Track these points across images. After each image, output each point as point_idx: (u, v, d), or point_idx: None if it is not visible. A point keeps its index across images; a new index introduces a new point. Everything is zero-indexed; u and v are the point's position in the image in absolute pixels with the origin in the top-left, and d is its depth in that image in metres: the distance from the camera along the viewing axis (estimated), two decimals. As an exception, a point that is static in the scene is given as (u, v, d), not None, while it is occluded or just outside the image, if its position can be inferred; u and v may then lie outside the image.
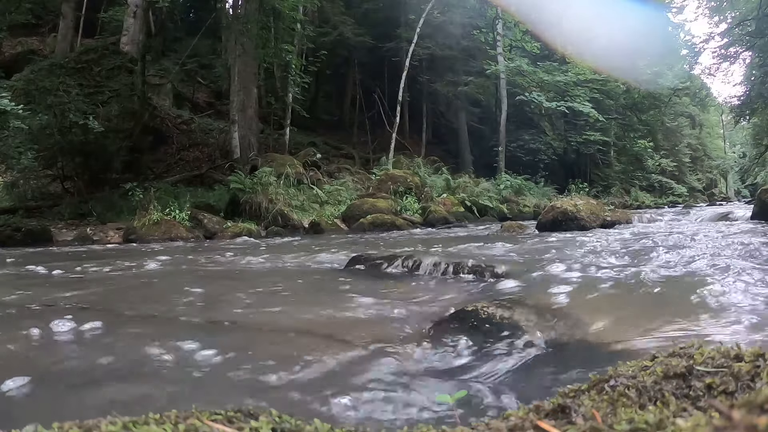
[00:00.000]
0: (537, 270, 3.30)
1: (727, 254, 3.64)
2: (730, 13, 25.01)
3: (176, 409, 0.65)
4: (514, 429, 0.61)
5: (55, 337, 1.99)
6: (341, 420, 1.25)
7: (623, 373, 0.76)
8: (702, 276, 2.78)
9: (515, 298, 2.44)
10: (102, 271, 4.45)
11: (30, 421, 0.70)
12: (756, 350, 0.72)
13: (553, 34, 22.10)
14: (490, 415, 1.21)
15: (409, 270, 3.52)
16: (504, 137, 21.54)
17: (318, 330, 2.11)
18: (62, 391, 1.46)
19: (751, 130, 32.87)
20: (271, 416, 0.66)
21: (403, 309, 2.40)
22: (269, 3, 14.72)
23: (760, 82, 23.51)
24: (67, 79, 10.94)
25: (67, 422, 0.60)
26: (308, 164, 14.78)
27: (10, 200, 11.16)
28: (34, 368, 1.62)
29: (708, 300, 2.15)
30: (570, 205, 8.17)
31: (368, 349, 1.79)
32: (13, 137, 9.25)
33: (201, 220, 10.17)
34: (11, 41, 17.22)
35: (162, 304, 2.79)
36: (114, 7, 18.78)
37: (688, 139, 37.22)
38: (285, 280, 3.69)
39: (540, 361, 1.67)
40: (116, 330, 2.09)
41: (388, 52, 21.91)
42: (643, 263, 3.47)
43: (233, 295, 2.98)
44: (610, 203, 17.72)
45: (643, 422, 0.50)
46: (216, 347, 1.80)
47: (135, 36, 14.17)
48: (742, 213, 9.32)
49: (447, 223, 12.83)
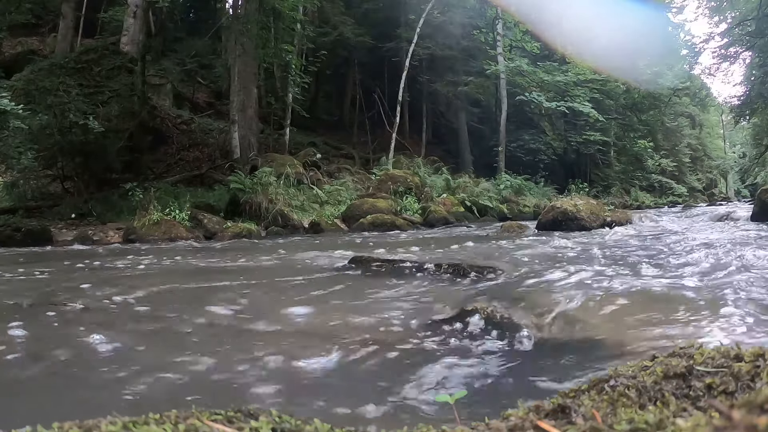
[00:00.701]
0: (537, 270, 3.30)
1: (727, 254, 3.64)
2: (730, 13, 25.00)
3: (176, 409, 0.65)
4: (514, 429, 0.61)
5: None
6: (340, 418, 1.25)
7: (623, 373, 0.76)
8: (702, 276, 2.78)
9: (514, 297, 2.44)
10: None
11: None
12: (756, 350, 0.72)
13: (553, 34, 22.10)
14: (489, 415, 1.21)
15: (409, 270, 3.52)
16: (504, 137, 21.54)
17: (318, 330, 2.11)
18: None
19: (751, 130, 32.85)
20: (271, 416, 0.66)
21: (403, 309, 2.40)
22: (269, 3, 14.71)
23: (760, 82, 23.50)
24: (67, 79, 10.92)
25: (67, 422, 0.60)
26: (308, 164, 14.77)
27: (10, 200, 11.15)
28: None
29: (708, 300, 2.15)
30: (570, 205, 8.18)
31: (368, 349, 1.79)
32: (13, 137, 9.24)
33: (201, 220, 10.16)
34: (11, 41, 17.21)
35: (164, 303, 2.79)
36: (114, 7, 18.77)
37: (688, 139, 37.19)
38: (285, 280, 3.69)
39: (540, 360, 1.68)
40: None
41: (388, 52, 21.90)
42: (643, 263, 3.47)
43: (233, 296, 2.98)
44: (610, 203, 17.70)
45: (643, 422, 0.50)
46: (216, 347, 1.80)
47: (135, 36, 14.16)
48: (742, 213, 9.32)
49: (447, 223, 12.82)
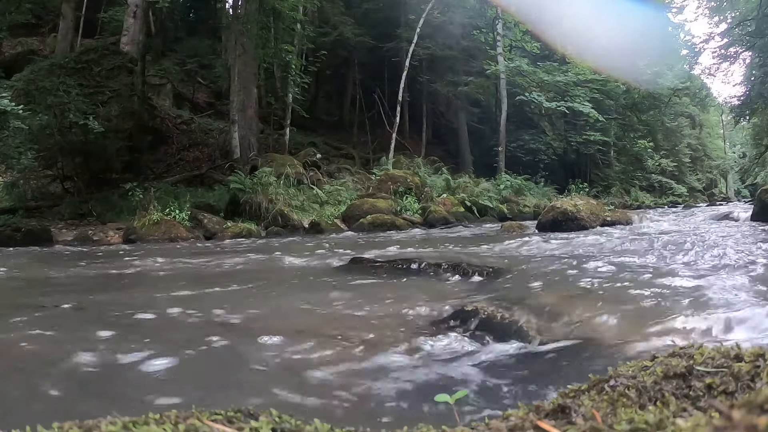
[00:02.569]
0: (536, 270, 3.30)
1: (728, 254, 3.64)
2: (730, 13, 24.99)
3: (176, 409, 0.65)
4: (514, 429, 0.61)
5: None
6: (339, 416, 1.25)
7: (623, 373, 0.76)
8: (702, 276, 2.78)
9: (514, 297, 2.44)
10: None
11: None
12: (756, 350, 0.72)
13: (553, 34, 22.08)
14: (490, 415, 1.21)
15: (409, 270, 3.52)
16: (504, 137, 21.53)
17: (318, 330, 2.11)
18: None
19: (751, 130, 32.82)
20: (271, 416, 0.66)
21: (403, 308, 2.40)
22: (269, 3, 14.70)
23: (760, 82, 23.49)
24: (67, 79, 10.92)
25: (67, 422, 0.60)
26: (308, 164, 14.76)
27: (10, 200, 11.15)
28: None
29: (709, 300, 2.15)
30: (570, 205, 8.17)
31: (369, 349, 1.79)
32: (13, 137, 9.24)
33: (201, 220, 10.16)
34: (11, 41, 17.20)
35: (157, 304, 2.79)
36: (114, 7, 18.76)
37: (688, 139, 37.17)
38: (285, 280, 3.69)
39: (539, 360, 1.67)
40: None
41: (388, 52, 21.89)
42: (643, 263, 3.47)
43: (232, 296, 2.98)
44: (610, 203, 17.68)
45: (643, 422, 0.50)
46: (214, 348, 1.80)
47: (135, 36, 14.15)
48: (742, 213, 9.31)
49: (447, 223, 12.82)
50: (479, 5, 22.23)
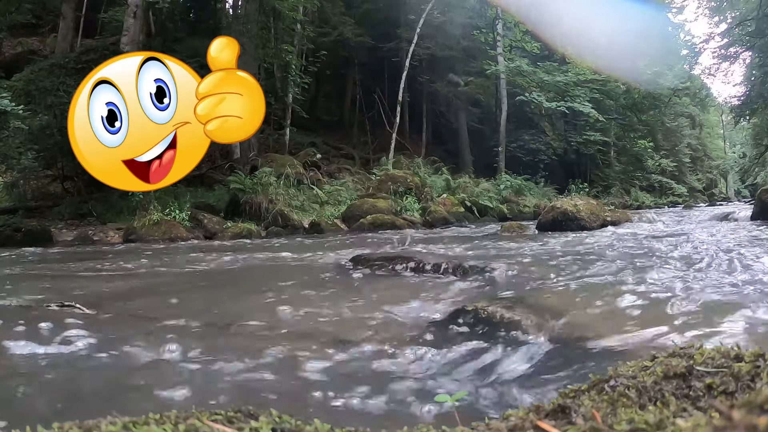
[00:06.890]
0: (537, 270, 3.30)
1: (728, 254, 3.64)
2: (730, 13, 24.99)
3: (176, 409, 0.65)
4: (515, 429, 0.61)
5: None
6: (340, 418, 1.25)
7: (623, 373, 0.76)
8: (703, 276, 2.78)
9: (515, 297, 2.44)
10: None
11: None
12: (756, 350, 0.72)
13: (553, 34, 22.07)
14: (490, 415, 1.21)
15: (409, 270, 3.52)
16: (504, 137, 21.53)
17: (319, 330, 2.11)
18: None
19: (751, 130, 32.81)
20: (271, 416, 0.66)
21: (403, 308, 2.40)
22: (269, 3, 14.70)
23: (760, 82, 23.49)
24: (67, 79, 10.91)
25: (67, 422, 0.60)
26: (308, 164, 14.76)
27: (10, 200, 11.14)
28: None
29: (709, 299, 2.15)
30: (570, 205, 8.17)
31: (369, 349, 1.79)
32: (13, 137, 9.24)
33: (201, 220, 10.16)
34: (11, 41, 17.21)
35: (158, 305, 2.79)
36: (114, 7, 18.73)
37: (688, 139, 37.16)
38: (285, 280, 3.69)
39: (539, 360, 1.67)
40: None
41: (388, 52, 21.88)
42: (643, 263, 3.47)
43: (232, 296, 2.98)
44: (610, 203, 17.70)
45: (643, 422, 0.50)
46: (214, 347, 1.80)
47: (135, 36, 14.13)
48: (742, 213, 9.32)
49: (447, 223, 12.82)
50: (479, 5, 22.23)
